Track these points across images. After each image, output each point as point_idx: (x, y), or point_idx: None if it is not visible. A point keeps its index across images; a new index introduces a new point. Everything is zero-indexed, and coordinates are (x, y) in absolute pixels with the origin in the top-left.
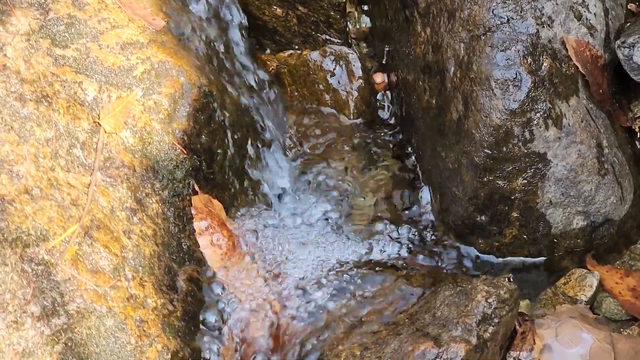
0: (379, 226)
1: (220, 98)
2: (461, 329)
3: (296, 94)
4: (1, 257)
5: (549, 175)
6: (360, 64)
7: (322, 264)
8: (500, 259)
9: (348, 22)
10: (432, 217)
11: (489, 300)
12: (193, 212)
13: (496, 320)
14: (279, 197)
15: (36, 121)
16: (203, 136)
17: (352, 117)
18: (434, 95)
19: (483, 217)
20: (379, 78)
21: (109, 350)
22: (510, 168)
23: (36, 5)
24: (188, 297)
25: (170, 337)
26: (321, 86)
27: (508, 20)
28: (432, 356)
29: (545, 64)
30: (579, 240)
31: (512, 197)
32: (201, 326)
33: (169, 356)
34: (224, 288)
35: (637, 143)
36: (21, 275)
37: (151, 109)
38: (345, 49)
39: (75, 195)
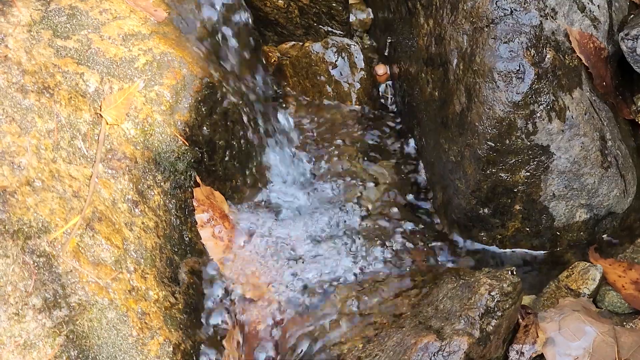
0: (381, 218)
1: (222, 89)
2: (464, 322)
3: (298, 85)
4: (3, 249)
5: (552, 168)
6: (362, 56)
7: (324, 255)
8: (503, 252)
9: (350, 14)
10: (434, 210)
11: (492, 293)
12: (195, 204)
13: (499, 314)
14: (281, 187)
15: (38, 112)
16: (205, 128)
17: (353, 108)
18: (436, 87)
19: (486, 210)
20: (381, 70)
21: (111, 343)
22: (513, 160)
23: None
24: (190, 289)
25: (172, 330)
26: (323, 78)
27: (511, 11)
28: (434, 349)
29: (548, 56)
30: (582, 233)
31: (515, 190)
32: (203, 318)
33: (171, 349)
34: (225, 280)
35: None
36: (23, 267)
37: (153, 101)
38: (347, 40)
39: (77, 187)
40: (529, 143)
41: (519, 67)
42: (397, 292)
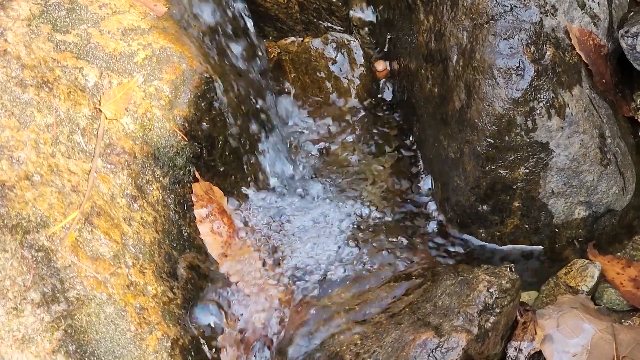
0: (380, 214)
1: (221, 85)
2: (462, 318)
3: (297, 81)
4: (1, 244)
5: (551, 165)
6: (362, 52)
7: (323, 252)
8: (502, 249)
9: (350, 10)
10: (433, 206)
11: (491, 290)
12: (194, 199)
13: (497, 310)
14: (280, 183)
15: (37, 107)
16: (204, 123)
17: (353, 105)
18: (436, 83)
19: (485, 207)
20: (381, 66)
21: (109, 338)
22: (512, 157)
23: None
24: (188, 284)
25: (171, 325)
26: (323, 74)
27: (511, 8)
28: (433, 346)
29: (548, 53)
30: (580, 230)
31: (514, 187)
32: (202, 314)
33: (169, 344)
34: (224, 275)
35: (639, 133)
36: (21, 261)
37: (152, 96)
38: (347, 36)
39: (76, 181)
40: (528, 140)
41: (519, 63)
42: (396, 288)
